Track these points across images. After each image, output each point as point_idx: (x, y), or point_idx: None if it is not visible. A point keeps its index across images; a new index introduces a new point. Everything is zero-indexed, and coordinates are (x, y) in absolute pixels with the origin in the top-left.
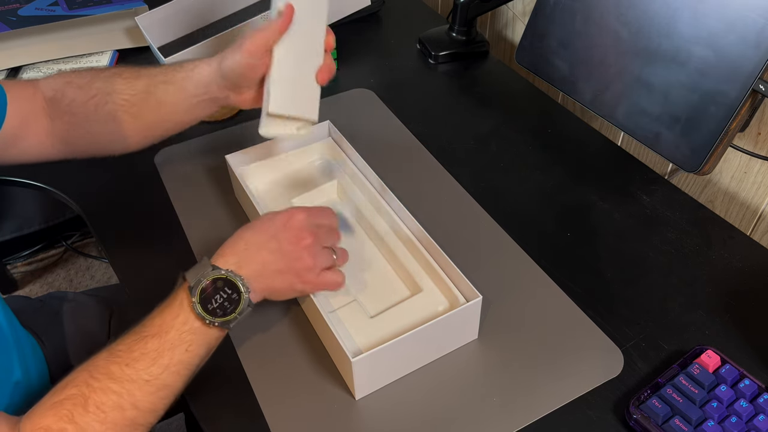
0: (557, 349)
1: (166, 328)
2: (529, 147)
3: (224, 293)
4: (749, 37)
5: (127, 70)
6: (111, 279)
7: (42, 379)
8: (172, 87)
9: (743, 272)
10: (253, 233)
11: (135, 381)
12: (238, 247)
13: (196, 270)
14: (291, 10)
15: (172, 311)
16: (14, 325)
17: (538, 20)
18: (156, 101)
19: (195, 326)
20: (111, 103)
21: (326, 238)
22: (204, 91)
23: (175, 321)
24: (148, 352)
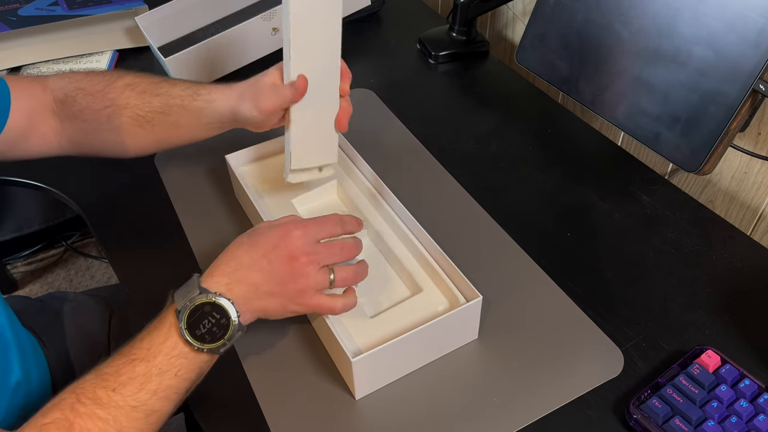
0: (557, 349)
1: (155, 352)
2: (529, 147)
3: (212, 318)
4: (749, 37)
5: (140, 83)
6: (111, 279)
7: (43, 379)
8: (187, 112)
9: (743, 272)
10: (246, 251)
11: (122, 407)
12: (228, 268)
13: (185, 291)
14: (304, 82)
15: (161, 334)
16: (15, 325)
17: (538, 20)
18: (171, 122)
19: (184, 351)
20: (125, 116)
21: (328, 257)
22: (219, 122)
23: (163, 345)
24: (135, 376)
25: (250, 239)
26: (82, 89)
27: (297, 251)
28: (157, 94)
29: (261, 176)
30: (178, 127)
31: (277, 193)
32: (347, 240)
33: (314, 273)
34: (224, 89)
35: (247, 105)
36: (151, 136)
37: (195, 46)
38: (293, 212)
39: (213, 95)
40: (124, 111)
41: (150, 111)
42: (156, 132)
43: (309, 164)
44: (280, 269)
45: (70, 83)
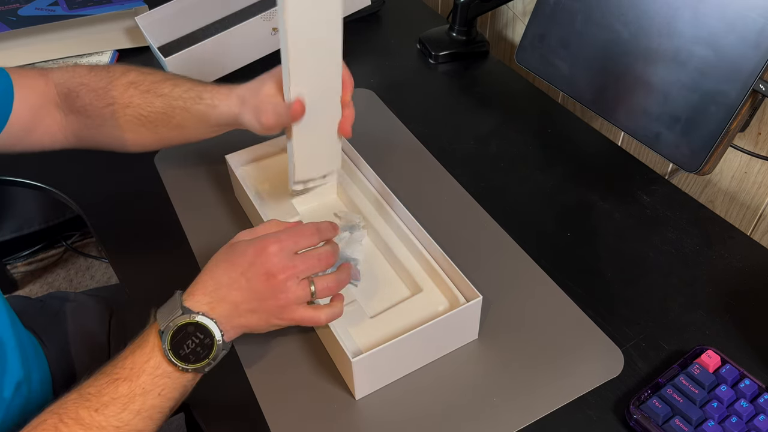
0: (557, 349)
1: (138, 372)
2: (529, 147)
3: (196, 338)
4: (749, 37)
5: (143, 81)
6: (111, 279)
7: (43, 379)
8: (190, 116)
9: (743, 272)
10: (224, 270)
11: (105, 428)
12: (208, 287)
13: (167, 311)
14: (300, 106)
15: (144, 354)
16: (16, 325)
17: (538, 20)
18: (175, 124)
19: (168, 371)
20: (128, 115)
21: (306, 269)
22: (223, 125)
23: (146, 365)
24: (118, 397)
25: (227, 257)
26: (86, 85)
27: (274, 268)
28: (159, 94)
29: (261, 176)
30: (181, 128)
31: (277, 193)
32: (323, 249)
33: (294, 287)
34: (227, 94)
35: (249, 116)
36: (155, 135)
37: (195, 46)
38: (293, 212)
39: (216, 100)
40: (126, 110)
41: (152, 112)
42: (159, 132)
43: (312, 175)
44: (258, 287)
45: (74, 78)
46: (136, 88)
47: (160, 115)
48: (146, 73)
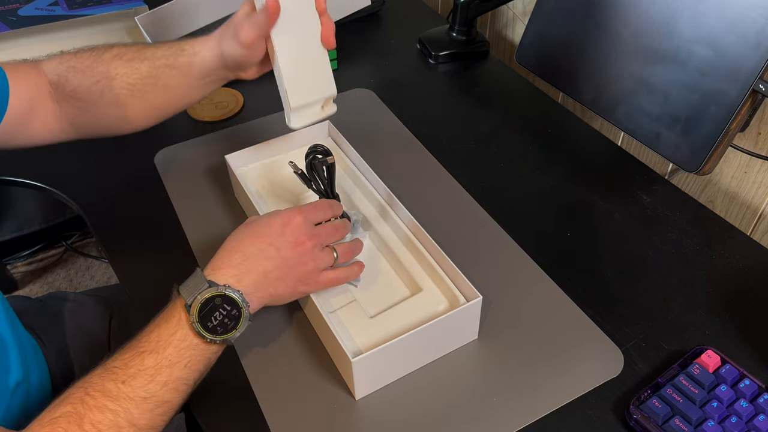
0: (557, 348)
1: (164, 344)
2: (529, 147)
3: (223, 310)
4: (749, 37)
5: (127, 52)
6: (111, 279)
7: (42, 379)
8: (175, 71)
9: (743, 272)
10: (251, 242)
11: (132, 399)
12: (234, 259)
13: (191, 285)
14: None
15: (170, 327)
16: (15, 325)
17: (538, 20)
18: (162, 85)
19: (194, 343)
20: (117, 88)
21: (327, 237)
22: (209, 74)
23: (172, 337)
24: (145, 368)
25: (252, 231)
26: (73, 67)
27: (302, 236)
28: (143, 59)
29: (261, 176)
30: (169, 89)
31: (277, 193)
32: (338, 221)
33: (320, 253)
34: (205, 39)
35: (228, 42)
36: (145, 103)
37: None
38: None
39: (196, 47)
40: (114, 82)
41: (139, 78)
42: (149, 99)
43: (308, 98)
44: (288, 254)
45: (61, 63)
46: (121, 58)
47: (147, 79)
48: (129, 45)
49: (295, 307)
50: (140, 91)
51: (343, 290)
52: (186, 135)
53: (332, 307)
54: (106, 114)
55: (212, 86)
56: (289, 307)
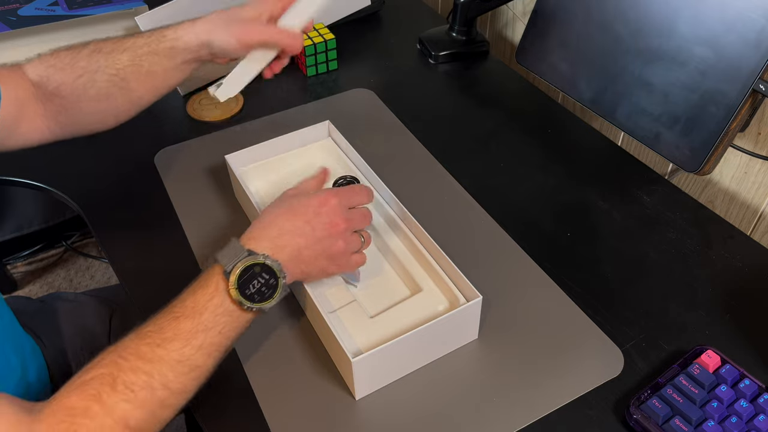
0: (557, 349)
1: (200, 310)
2: (529, 147)
3: (262, 278)
4: (749, 37)
5: (105, 45)
6: (111, 279)
7: (41, 380)
8: (158, 57)
9: (743, 272)
10: (287, 218)
11: (166, 361)
12: (271, 232)
13: (230, 253)
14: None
15: (206, 292)
16: (14, 326)
17: (538, 20)
18: (145, 72)
19: (230, 309)
20: (99, 81)
21: (359, 222)
22: (191, 57)
23: (209, 303)
24: (180, 332)
25: (288, 208)
26: (53, 65)
27: (337, 218)
28: (124, 49)
29: (261, 176)
30: (153, 75)
31: (277, 193)
32: (365, 209)
33: (350, 237)
34: (190, 24)
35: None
36: (131, 95)
37: None
38: None
39: (179, 32)
40: (96, 75)
41: (122, 68)
42: (133, 88)
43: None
44: (322, 235)
45: (41, 63)
46: (100, 51)
47: (129, 68)
48: (105, 39)
49: (295, 307)
50: (124, 80)
51: (343, 290)
52: (186, 135)
53: (332, 307)
54: (91, 108)
55: (191, 69)
56: (289, 307)
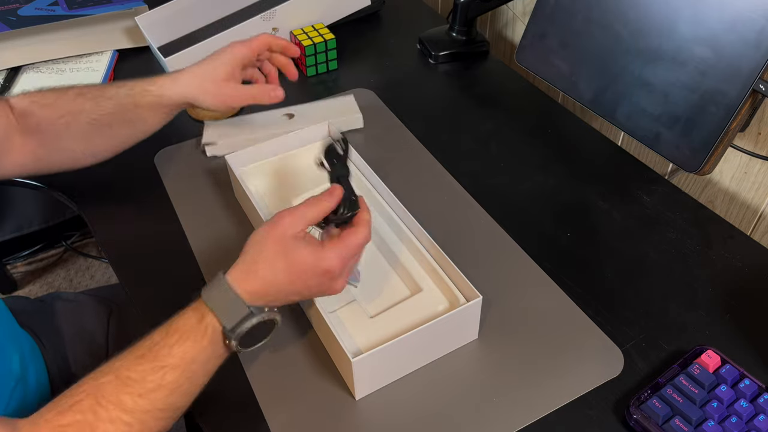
0: (557, 349)
1: (190, 361)
2: (529, 147)
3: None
4: (749, 37)
5: (89, 91)
6: (111, 279)
7: (40, 379)
8: (141, 109)
9: (743, 272)
10: (288, 281)
11: (149, 411)
12: (267, 290)
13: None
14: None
15: (198, 345)
16: (12, 326)
17: (538, 20)
18: (127, 120)
19: (221, 353)
20: (81, 122)
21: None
22: (175, 107)
23: (200, 355)
24: (166, 384)
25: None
26: (36, 101)
27: (338, 286)
28: (108, 98)
29: (261, 176)
30: (134, 123)
31: (277, 193)
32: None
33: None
34: (173, 78)
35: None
36: (111, 138)
37: (195, 46)
38: None
39: (162, 89)
40: (80, 117)
41: (105, 114)
42: (115, 133)
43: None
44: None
45: (25, 98)
46: (84, 96)
47: (113, 116)
48: (89, 85)
49: (295, 307)
50: (107, 126)
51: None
52: (186, 135)
53: (332, 307)
54: (69, 148)
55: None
56: (289, 307)
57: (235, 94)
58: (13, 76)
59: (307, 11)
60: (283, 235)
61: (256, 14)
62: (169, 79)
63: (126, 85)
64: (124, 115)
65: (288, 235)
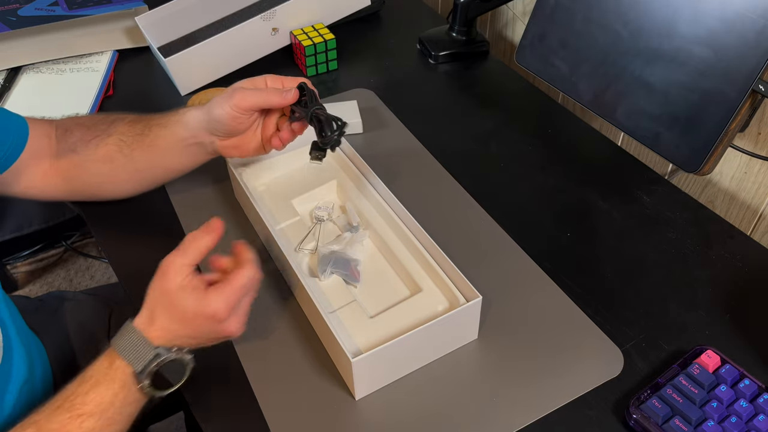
0: (557, 349)
1: (105, 407)
2: (529, 147)
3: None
4: (749, 37)
5: (131, 115)
6: (111, 279)
7: (46, 378)
8: (164, 130)
9: (743, 272)
10: (181, 327)
11: None
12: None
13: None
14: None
15: (111, 390)
16: (20, 326)
17: (538, 20)
18: (148, 143)
19: (137, 398)
20: (110, 144)
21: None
22: (192, 134)
23: (115, 398)
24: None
25: (182, 316)
26: (80, 124)
27: (230, 329)
28: (141, 120)
29: (261, 176)
30: (154, 149)
31: (276, 193)
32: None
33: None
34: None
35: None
36: (132, 165)
37: (195, 46)
38: (293, 213)
39: (188, 109)
40: (110, 138)
41: (132, 135)
42: (135, 157)
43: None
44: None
45: (71, 119)
46: (123, 120)
47: (137, 137)
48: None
49: (295, 307)
50: (128, 147)
51: (343, 290)
52: None
53: (332, 307)
54: (94, 171)
55: (194, 154)
56: (289, 308)
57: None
58: (14, 76)
59: (307, 11)
60: (169, 288)
61: (256, 14)
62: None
63: (162, 112)
64: (146, 137)
65: (173, 286)
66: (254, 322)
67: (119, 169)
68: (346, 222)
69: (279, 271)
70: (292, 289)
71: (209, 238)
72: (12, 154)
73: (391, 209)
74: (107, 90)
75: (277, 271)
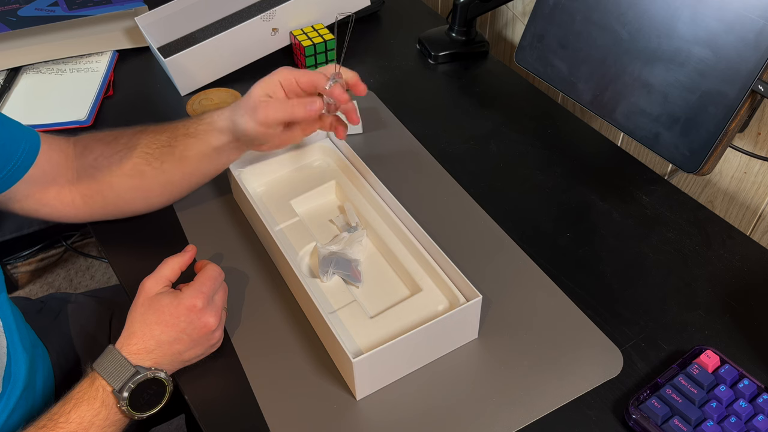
0: (557, 349)
1: (86, 425)
2: (529, 147)
3: (150, 390)
4: (748, 37)
5: (152, 126)
6: (111, 279)
7: (47, 381)
8: (192, 140)
9: (743, 272)
10: (162, 330)
11: None
12: (149, 346)
13: (113, 368)
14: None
15: (92, 407)
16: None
17: (538, 20)
18: (179, 155)
19: (117, 418)
20: (135, 157)
21: (222, 304)
22: (224, 142)
23: (96, 418)
24: None
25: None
26: (99, 139)
27: (207, 318)
28: (164, 130)
29: (260, 177)
30: (185, 160)
31: (276, 194)
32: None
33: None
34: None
35: (243, 119)
36: (163, 177)
37: (195, 47)
38: (292, 214)
39: (214, 117)
40: (134, 152)
41: (158, 147)
42: (166, 169)
43: None
44: (198, 336)
45: (89, 135)
46: (143, 132)
47: (165, 149)
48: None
49: (294, 307)
50: (157, 160)
51: (343, 290)
52: None
53: (332, 307)
54: (121, 186)
55: (226, 157)
56: (288, 308)
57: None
58: (14, 76)
59: (307, 11)
60: (147, 296)
61: (256, 15)
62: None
63: (185, 120)
64: (175, 148)
65: (151, 294)
66: (254, 323)
67: (150, 182)
68: (345, 222)
69: (279, 272)
70: (292, 289)
71: (183, 259)
72: (22, 165)
73: (391, 209)
74: (107, 90)
75: (277, 271)
